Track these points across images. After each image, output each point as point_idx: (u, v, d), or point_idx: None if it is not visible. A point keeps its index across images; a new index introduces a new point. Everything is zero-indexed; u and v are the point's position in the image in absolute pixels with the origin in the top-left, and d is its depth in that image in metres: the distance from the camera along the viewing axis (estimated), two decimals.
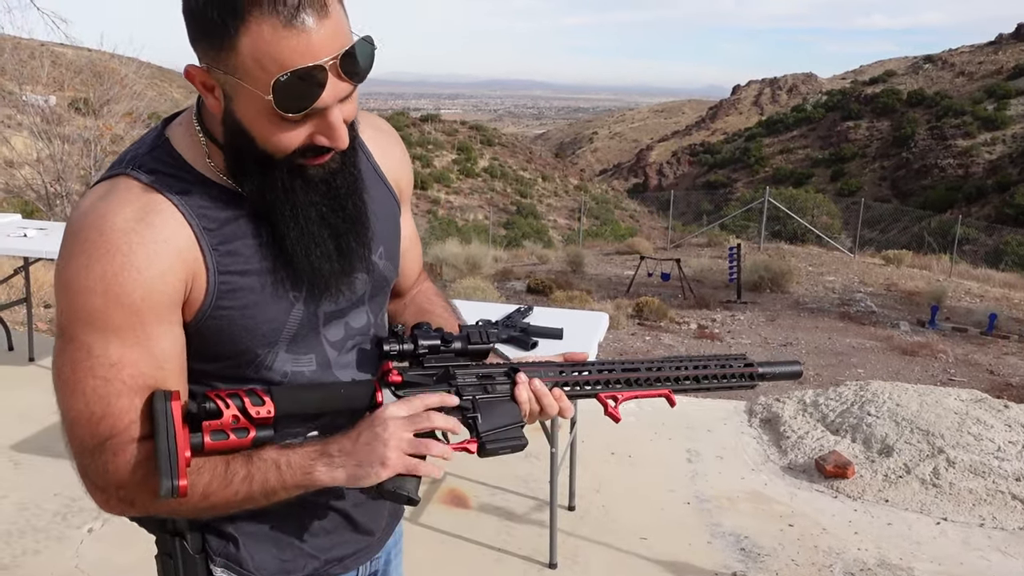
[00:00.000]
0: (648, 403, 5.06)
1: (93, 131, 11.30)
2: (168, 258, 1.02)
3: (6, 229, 4.71)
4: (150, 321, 1.02)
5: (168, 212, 1.03)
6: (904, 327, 10.22)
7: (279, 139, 1.00)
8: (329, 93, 0.97)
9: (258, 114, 0.98)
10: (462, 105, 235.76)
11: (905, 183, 58.17)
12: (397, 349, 1.13)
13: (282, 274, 1.10)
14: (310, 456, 1.05)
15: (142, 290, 1.00)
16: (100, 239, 1.00)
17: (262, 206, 1.07)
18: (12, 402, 4.52)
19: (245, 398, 1.02)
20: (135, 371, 1.01)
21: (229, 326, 1.08)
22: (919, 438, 4.15)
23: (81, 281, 0.99)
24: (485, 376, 1.18)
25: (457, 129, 57.59)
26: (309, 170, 1.05)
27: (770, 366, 1.33)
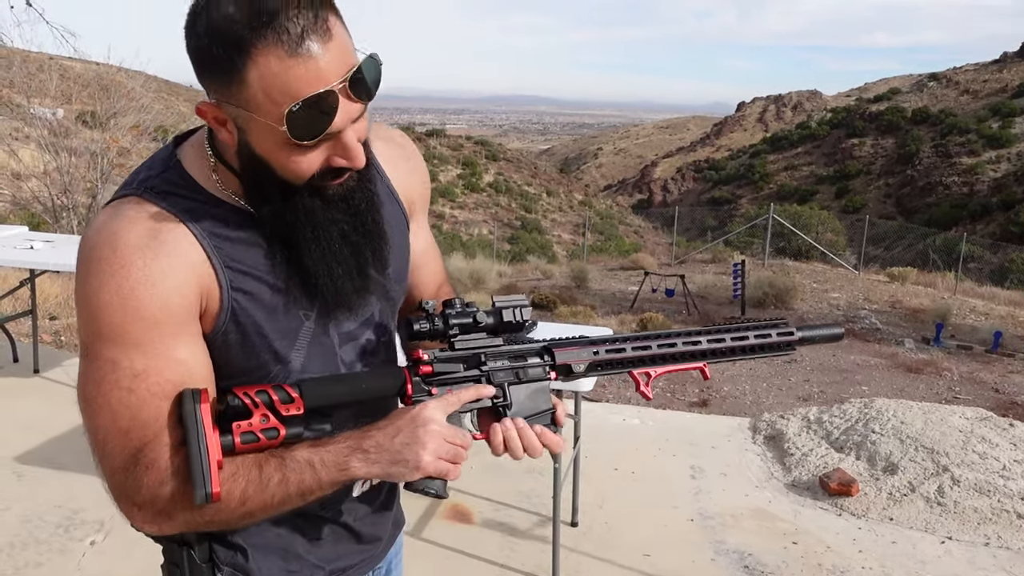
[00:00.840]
0: (651, 418, 5.06)
1: (100, 144, 11.36)
2: (182, 272, 1.03)
3: (13, 241, 4.73)
4: (170, 333, 1.02)
5: (179, 231, 1.04)
6: (909, 344, 10.20)
7: (297, 166, 1.01)
8: (341, 116, 0.97)
9: (274, 145, 0.99)
10: (467, 120, 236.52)
11: (910, 200, 58.16)
12: (427, 328, 1.11)
13: (294, 292, 1.11)
14: (344, 452, 1.05)
15: (159, 302, 1.01)
16: (114, 256, 1.01)
17: (281, 228, 1.08)
18: (16, 413, 4.53)
19: (273, 395, 1.01)
20: (160, 378, 1.01)
21: (243, 341, 1.09)
22: (924, 456, 4.13)
23: (99, 298, 1.00)
24: (517, 358, 1.17)
25: (462, 144, 57.76)
26: (328, 190, 1.06)
27: (810, 330, 1.30)
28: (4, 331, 5.35)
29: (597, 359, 1.21)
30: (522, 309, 1.16)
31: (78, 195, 11.26)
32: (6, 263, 4.65)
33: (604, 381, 7.36)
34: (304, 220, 1.07)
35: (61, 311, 7.18)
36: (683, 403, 7.08)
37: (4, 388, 4.93)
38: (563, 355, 1.20)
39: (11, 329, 5.46)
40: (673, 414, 5.52)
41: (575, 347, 1.20)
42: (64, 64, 13.69)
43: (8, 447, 4.09)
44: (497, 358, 1.16)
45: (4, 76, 14.29)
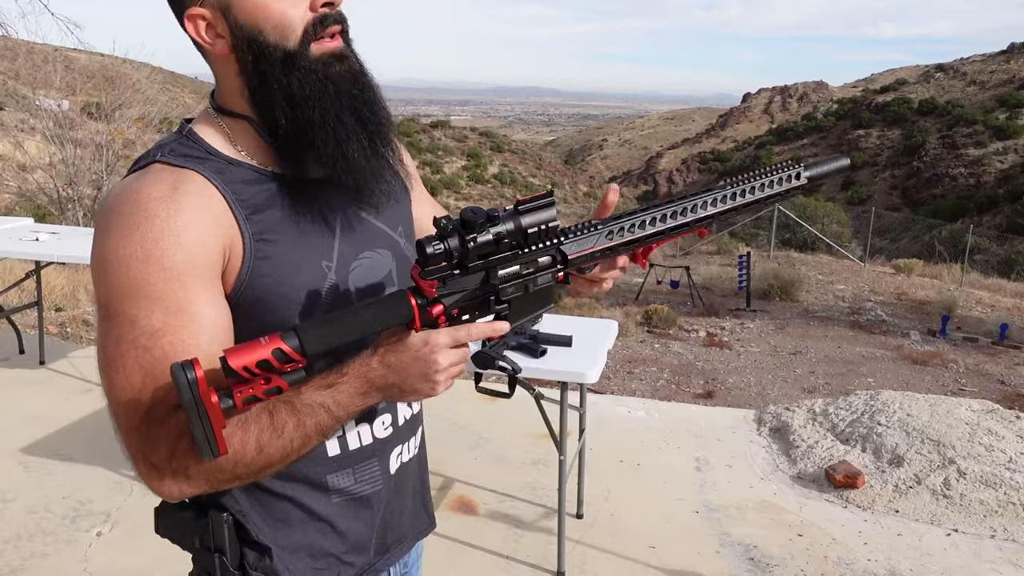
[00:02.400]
0: (656, 410, 5.05)
1: (105, 135, 11.37)
2: (205, 223, 1.03)
3: (18, 233, 4.73)
4: (192, 286, 1.01)
5: (200, 183, 1.05)
6: (915, 336, 10.17)
7: (283, 13, 1.04)
8: None
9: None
10: (472, 111, 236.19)
11: (916, 192, 57.96)
12: (442, 251, 1.01)
13: (314, 242, 1.12)
14: (357, 392, 1.04)
15: (183, 253, 1.00)
16: (137, 210, 1.01)
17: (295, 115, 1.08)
18: (23, 405, 4.54)
19: (273, 360, 0.95)
20: (175, 338, 1.00)
21: (266, 295, 1.08)
22: (930, 448, 4.12)
23: (121, 251, 0.99)
24: (529, 272, 1.09)
25: (467, 135, 57.69)
26: (334, 68, 1.08)
27: (816, 167, 1.23)
28: (10, 323, 5.36)
29: (612, 244, 1.14)
30: (549, 224, 1.06)
31: (83, 187, 11.28)
32: (12, 255, 4.65)
33: (609, 374, 7.36)
34: (314, 93, 1.07)
35: (67, 303, 7.19)
36: (688, 395, 7.07)
37: (10, 380, 4.94)
38: (577, 254, 1.12)
39: (17, 321, 5.47)
40: (678, 406, 5.52)
41: (588, 242, 1.12)
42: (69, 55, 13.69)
43: (14, 438, 4.11)
44: (507, 267, 1.07)
45: (9, 68, 14.31)
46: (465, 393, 4.77)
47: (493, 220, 1.03)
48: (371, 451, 1.22)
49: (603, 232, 1.12)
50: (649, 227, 1.14)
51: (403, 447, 1.29)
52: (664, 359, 8.36)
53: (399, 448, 1.28)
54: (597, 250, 1.12)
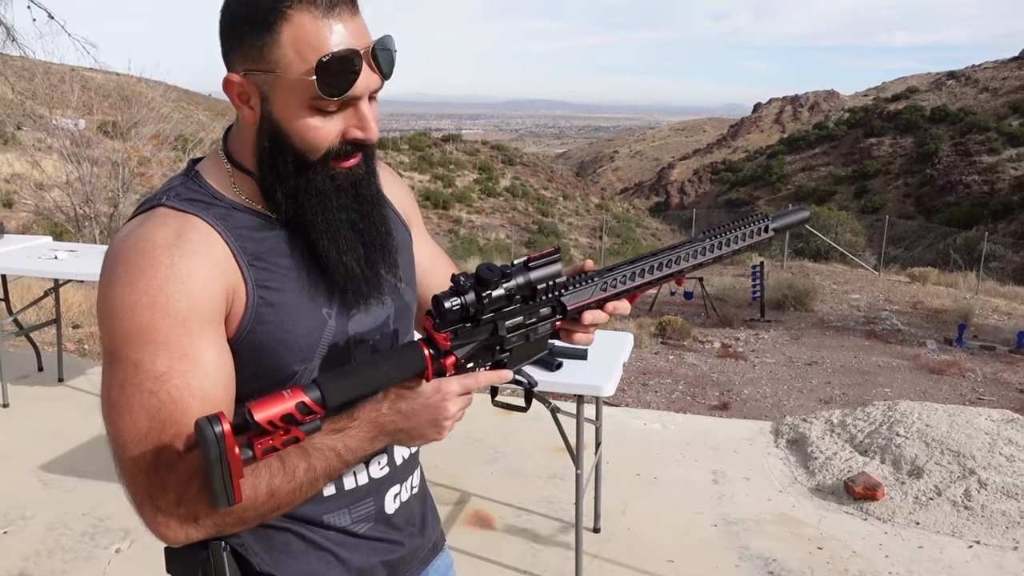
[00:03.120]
0: (672, 422, 5.04)
1: (121, 153, 11.47)
2: (208, 269, 1.05)
3: (37, 251, 4.78)
4: (196, 331, 1.03)
5: (204, 229, 1.07)
6: (931, 345, 10.10)
7: (316, 133, 1.06)
8: (363, 82, 1.04)
9: (297, 108, 1.05)
10: (483, 125, 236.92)
11: (930, 200, 57.69)
12: (458, 307, 1.06)
13: (316, 289, 1.13)
14: (368, 437, 1.07)
15: (187, 299, 1.02)
16: (142, 257, 1.03)
17: (295, 211, 1.11)
18: (41, 422, 4.57)
19: (296, 413, 0.97)
20: (181, 382, 1.01)
21: (268, 341, 1.09)
22: (950, 459, 4.09)
23: (126, 298, 1.01)
24: (531, 322, 1.14)
25: (478, 149, 57.85)
26: (339, 177, 1.10)
27: (781, 218, 1.34)
28: (29, 340, 5.41)
29: (607, 295, 1.20)
30: (556, 279, 1.13)
31: (100, 204, 11.37)
32: (31, 273, 4.70)
33: (623, 386, 7.34)
34: (317, 203, 1.10)
35: (84, 319, 7.25)
36: (703, 406, 7.04)
37: (30, 397, 4.98)
38: (575, 305, 1.18)
39: (35, 338, 5.51)
40: (694, 418, 5.50)
41: (585, 293, 1.18)
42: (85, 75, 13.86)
43: (34, 455, 4.13)
44: (513, 319, 1.12)
45: (27, 88, 14.45)
46: (481, 407, 4.77)
47: (506, 276, 1.09)
48: (367, 491, 1.23)
49: (598, 284, 1.19)
50: (638, 278, 1.22)
51: (400, 486, 1.29)
52: (679, 371, 8.34)
53: (396, 488, 1.28)
54: (592, 301, 1.19)
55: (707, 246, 1.26)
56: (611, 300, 1.21)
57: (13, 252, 4.73)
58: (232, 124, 1.19)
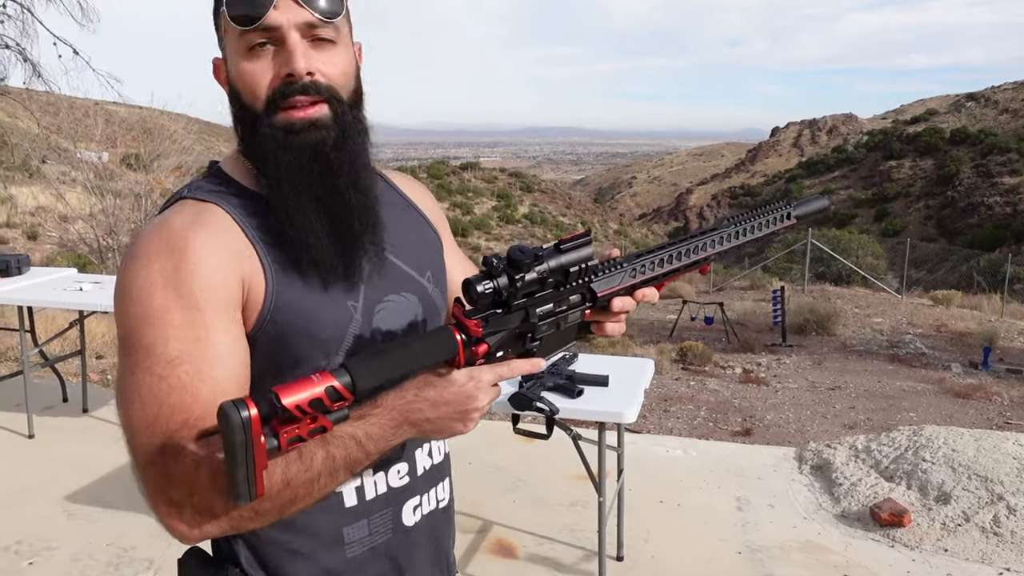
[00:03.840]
0: (695, 449, 5.00)
1: (144, 185, 11.63)
2: (224, 254, 1.04)
3: (63, 283, 4.84)
4: (211, 316, 1.01)
5: (220, 215, 1.07)
6: (956, 369, 9.98)
7: (250, 77, 1.06)
8: (283, 15, 1.04)
9: (235, 58, 1.07)
10: (501, 153, 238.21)
11: (951, 222, 57.27)
12: (491, 290, 1.01)
13: (336, 279, 1.10)
14: (391, 425, 1.01)
15: (202, 282, 1.01)
16: (159, 240, 1.03)
17: (266, 180, 1.09)
18: (66, 452, 4.61)
19: (325, 399, 0.89)
20: (192, 367, 0.98)
21: (290, 330, 1.07)
22: (977, 484, 4.03)
23: (142, 279, 1.01)
24: (562, 309, 1.10)
25: (497, 176, 58.14)
26: (295, 135, 1.07)
27: (802, 205, 1.36)
28: (55, 372, 5.46)
29: (636, 282, 1.17)
30: (588, 263, 1.09)
31: (122, 236, 11.51)
32: (57, 305, 4.75)
33: (645, 412, 7.30)
34: (271, 159, 1.08)
35: (108, 350, 7.31)
36: (726, 432, 6.98)
37: (54, 427, 5.02)
38: (605, 292, 1.14)
39: (60, 369, 5.57)
40: (717, 444, 5.46)
41: (614, 280, 1.15)
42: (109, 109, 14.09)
43: (58, 486, 4.16)
44: (543, 306, 1.08)
45: (52, 122, 14.71)
46: (503, 435, 4.77)
47: (539, 259, 1.04)
48: (385, 501, 1.19)
49: (627, 270, 1.16)
50: (667, 264, 1.20)
51: (421, 498, 1.24)
52: (700, 396, 8.28)
53: (416, 499, 1.23)
54: (622, 288, 1.16)
55: (732, 232, 1.26)
56: (640, 287, 1.17)
57: (39, 284, 4.80)
58: None
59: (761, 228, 1.29)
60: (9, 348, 6.86)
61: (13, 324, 5.09)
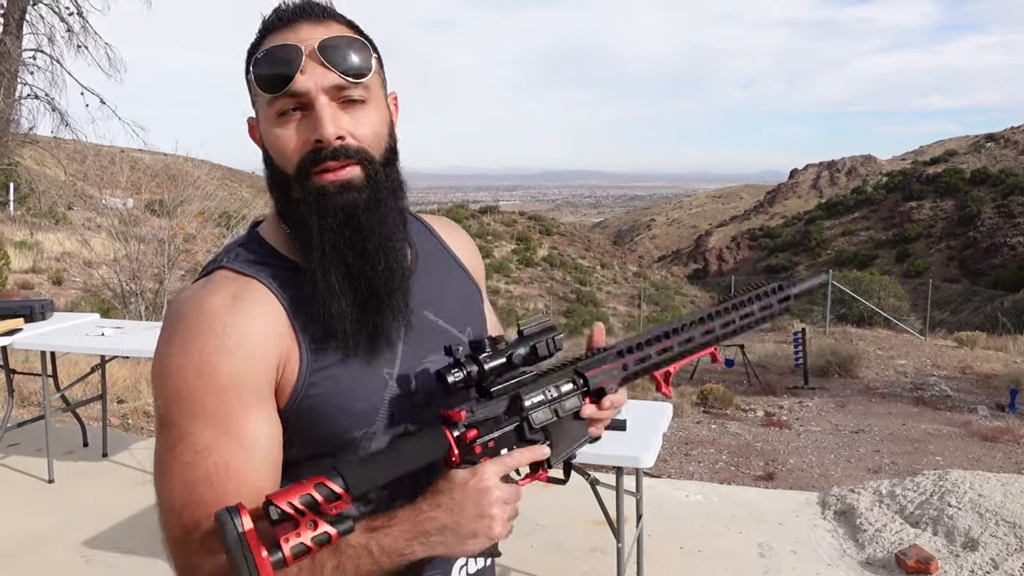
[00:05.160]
0: (716, 494, 4.94)
1: (167, 231, 11.77)
2: (262, 335, 1.02)
3: (85, 328, 4.89)
4: (244, 404, 1.00)
5: (260, 292, 1.06)
6: (983, 412, 9.82)
7: (281, 141, 1.05)
8: (310, 79, 1.03)
9: (267, 123, 1.07)
10: (520, 196, 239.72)
11: (974, 263, 56.82)
12: (462, 377, 1.02)
13: (373, 348, 1.08)
14: (405, 538, 0.98)
15: (238, 369, 1.00)
16: (198, 321, 1.02)
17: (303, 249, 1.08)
18: (85, 497, 4.61)
19: (317, 495, 0.90)
20: (220, 459, 0.98)
21: (323, 406, 1.05)
22: (1006, 531, 3.95)
23: (178, 360, 1.01)
24: (554, 396, 1.10)
25: (516, 220, 58.44)
26: (327, 194, 1.05)
27: (800, 283, 1.32)
28: (75, 416, 5.50)
29: (626, 373, 1.16)
30: (554, 338, 1.10)
31: (146, 281, 11.63)
32: (79, 350, 4.80)
33: (665, 456, 7.23)
34: (302, 222, 1.06)
35: (129, 394, 7.36)
36: (748, 477, 6.90)
37: (74, 472, 5.03)
38: (596, 378, 1.13)
39: (80, 413, 5.60)
40: (738, 489, 5.38)
41: (604, 366, 1.14)
42: (134, 156, 14.36)
43: (77, 531, 4.16)
44: (534, 393, 1.08)
45: (79, 170, 15.00)
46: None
47: (498, 340, 1.07)
48: None
49: (619, 364, 1.16)
50: (658, 356, 1.18)
51: None
52: (722, 440, 8.19)
53: None
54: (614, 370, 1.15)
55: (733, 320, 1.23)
56: (632, 379, 1.17)
57: (62, 330, 4.85)
58: None
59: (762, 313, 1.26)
60: (32, 393, 6.92)
61: (36, 368, 5.14)
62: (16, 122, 13.33)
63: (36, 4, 13.12)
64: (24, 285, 16.39)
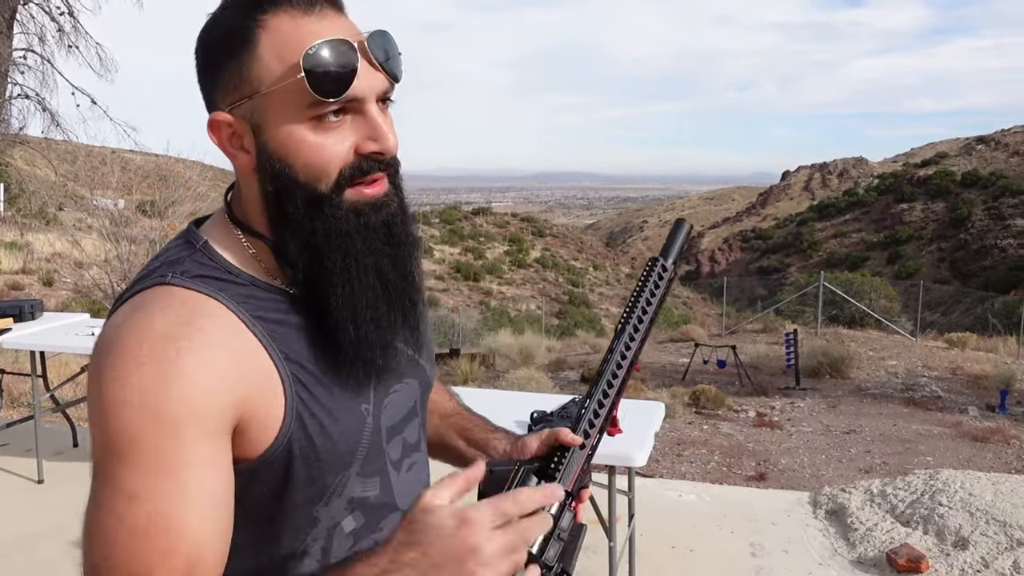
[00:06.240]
0: (707, 493, 4.94)
1: (158, 232, 11.74)
2: (222, 367, 0.84)
3: (75, 328, 4.87)
4: (191, 447, 0.81)
5: (222, 316, 0.87)
6: (973, 412, 9.87)
7: (320, 152, 0.88)
8: (364, 80, 0.87)
9: (294, 128, 0.87)
10: (513, 198, 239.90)
11: (965, 264, 57.08)
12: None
13: (352, 380, 0.94)
14: None
15: (189, 404, 0.81)
16: (139, 348, 0.82)
17: (314, 267, 0.91)
18: (76, 498, 4.56)
19: None
20: (156, 509, 0.79)
21: (307, 449, 0.90)
22: (996, 529, 3.96)
23: (113, 396, 0.81)
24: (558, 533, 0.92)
25: (508, 221, 58.50)
26: (365, 211, 0.91)
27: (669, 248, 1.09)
28: (65, 416, 5.47)
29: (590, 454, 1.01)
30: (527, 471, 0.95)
31: None
32: (69, 350, 4.78)
33: (658, 456, 7.24)
34: (337, 245, 0.90)
35: None
36: (740, 477, 6.91)
37: (65, 473, 5.01)
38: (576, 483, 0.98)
39: (71, 414, 5.58)
40: (730, 489, 5.39)
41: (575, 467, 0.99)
42: (126, 157, 14.31)
43: (67, 532, 4.14)
44: None
45: (69, 170, 14.94)
46: None
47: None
48: None
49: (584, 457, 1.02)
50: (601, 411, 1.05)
51: None
52: (714, 440, 8.21)
53: None
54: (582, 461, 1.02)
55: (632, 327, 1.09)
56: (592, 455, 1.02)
57: (51, 329, 4.83)
58: (230, 189, 1.00)
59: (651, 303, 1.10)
60: (22, 393, 6.89)
61: (26, 369, 5.12)
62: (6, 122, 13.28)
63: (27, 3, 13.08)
64: (14, 286, 16.34)
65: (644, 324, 1.09)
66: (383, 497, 1.00)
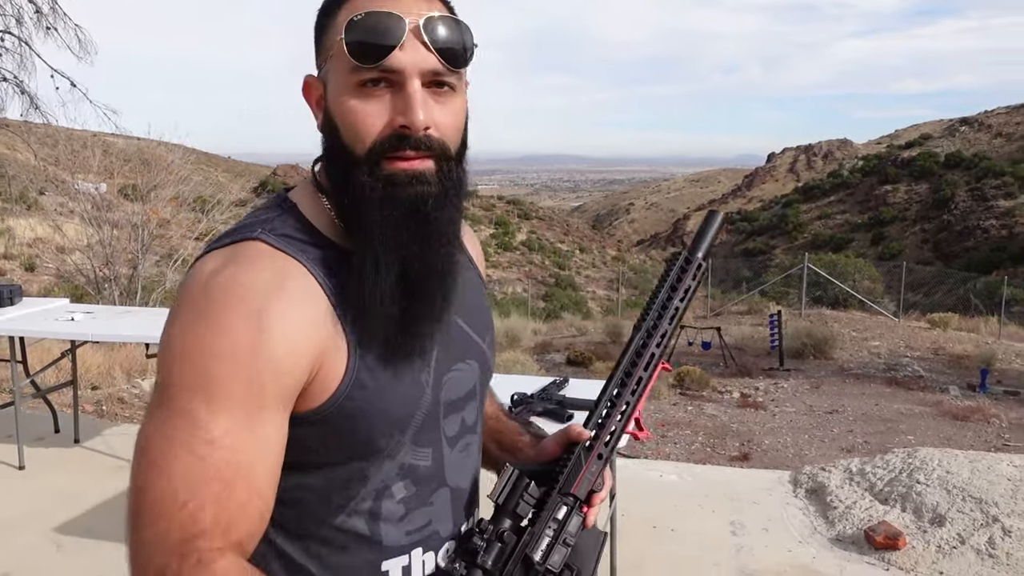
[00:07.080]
0: (690, 473, 4.98)
1: (141, 216, 11.64)
2: (304, 329, 0.90)
3: (54, 313, 4.84)
4: (268, 404, 0.88)
5: (304, 279, 0.93)
6: (954, 391, 9.97)
7: (356, 116, 0.93)
8: (408, 56, 0.92)
9: (342, 89, 0.94)
10: (499, 180, 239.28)
11: (948, 245, 57.44)
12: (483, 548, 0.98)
13: (413, 354, 1.00)
14: None
15: (276, 364, 0.88)
16: (237, 301, 0.88)
17: (349, 232, 0.98)
18: (57, 484, 4.58)
19: None
20: (232, 457, 0.85)
21: (365, 410, 0.95)
22: (972, 506, 4.02)
23: (207, 344, 0.86)
24: (557, 530, 1.02)
25: (495, 204, 58.42)
26: (396, 182, 0.94)
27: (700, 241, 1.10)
28: (46, 402, 5.45)
29: (604, 460, 1.07)
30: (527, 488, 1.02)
31: (120, 266, 11.51)
32: (47, 335, 4.75)
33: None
34: (361, 210, 0.95)
35: (103, 381, 7.30)
36: (723, 457, 6.96)
37: (45, 459, 4.99)
38: (582, 486, 1.05)
39: (52, 400, 5.55)
40: (712, 468, 5.44)
41: (583, 471, 1.04)
42: (107, 140, 14.16)
43: (48, 518, 4.13)
44: (539, 542, 1.00)
45: (50, 154, 14.79)
46: None
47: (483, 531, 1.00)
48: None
49: (597, 464, 1.06)
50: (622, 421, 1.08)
51: None
52: (698, 421, 8.26)
53: None
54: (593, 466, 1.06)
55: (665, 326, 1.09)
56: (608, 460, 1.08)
57: (31, 315, 4.80)
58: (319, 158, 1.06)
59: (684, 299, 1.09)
60: (2, 379, 6.85)
61: (4, 355, 5.09)
62: None
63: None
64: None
65: (672, 323, 1.08)
66: (434, 470, 1.05)
